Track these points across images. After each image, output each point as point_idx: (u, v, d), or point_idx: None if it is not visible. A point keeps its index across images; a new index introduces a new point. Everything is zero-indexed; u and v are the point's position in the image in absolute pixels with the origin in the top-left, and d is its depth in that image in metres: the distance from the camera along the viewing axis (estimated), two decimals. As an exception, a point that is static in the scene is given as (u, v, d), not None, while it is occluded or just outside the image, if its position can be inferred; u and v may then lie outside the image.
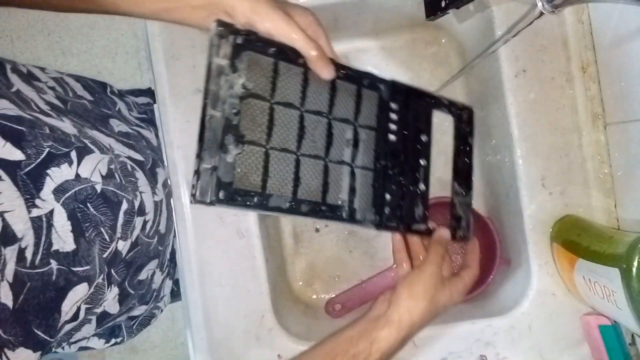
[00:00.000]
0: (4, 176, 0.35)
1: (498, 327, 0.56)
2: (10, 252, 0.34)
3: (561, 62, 0.56)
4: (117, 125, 0.54)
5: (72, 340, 0.53)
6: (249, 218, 0.56)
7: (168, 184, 0.57)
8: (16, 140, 0.36)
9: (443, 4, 0.53)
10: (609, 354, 0.51)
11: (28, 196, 0.36)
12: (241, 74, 0.43)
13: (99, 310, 0.49)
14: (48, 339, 0.38)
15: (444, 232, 0.51)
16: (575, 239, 0.51)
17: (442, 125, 0.62)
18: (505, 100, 0.56)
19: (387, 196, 0.48)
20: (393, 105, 0.49)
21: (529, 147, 0.56)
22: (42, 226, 0.37)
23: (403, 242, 0.53)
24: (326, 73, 0.44)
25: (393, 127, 0.49)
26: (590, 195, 0.56)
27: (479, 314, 0.57)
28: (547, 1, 0.40)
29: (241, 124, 0.43)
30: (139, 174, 0.51)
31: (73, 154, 0.41)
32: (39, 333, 0.37)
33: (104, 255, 0.44)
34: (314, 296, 0.69)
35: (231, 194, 0.41)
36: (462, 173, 0.53)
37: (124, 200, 0.46)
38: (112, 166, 0.46)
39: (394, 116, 0.49)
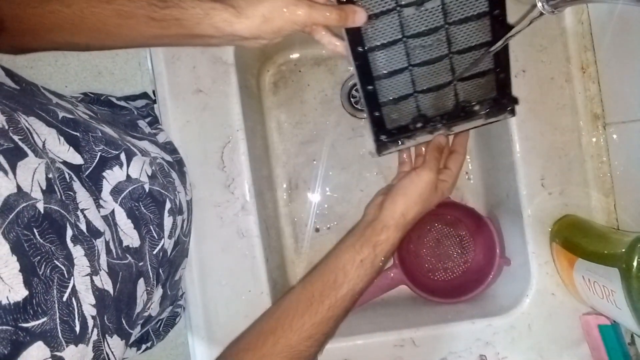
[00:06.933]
0: (75, 178, 0.37)
1: (498, 327, 0.56)
2: (101, 244, 0.36)
3: (561, 62, 0.56)
4: (144, 127, 0.55)
5: None
6: (249, 218, 0.56)
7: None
8: (75, 145, 0.38)
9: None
10: (608, 353, 0.51)
11: (94, 197, 0.38)
12: None
13: (146, 313, 0.49)
14: (130, 330, 0.40)
15: (442, 139, 0.55)
16: (575, 239, 0.51)
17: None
18: (505, 100, 0.56)
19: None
20: None
21: (528, 147, 0.56)
22: (110, 224, 0.39)
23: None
24: (357, 20, 0.44)
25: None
26: (589, 195, 0.56)
27: (479, 313, 0.57)
28: (547, 1, 0.40)
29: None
30: (174, 175, 0.51)
31: (122, 156, 0.43)
32: (124, 323, 0.39)
33: (154, 252, 0.45)
34: (314, 296, 0.69)
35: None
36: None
37: (167, 200, 0.47)
38: (154, 167, 0.47)
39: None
